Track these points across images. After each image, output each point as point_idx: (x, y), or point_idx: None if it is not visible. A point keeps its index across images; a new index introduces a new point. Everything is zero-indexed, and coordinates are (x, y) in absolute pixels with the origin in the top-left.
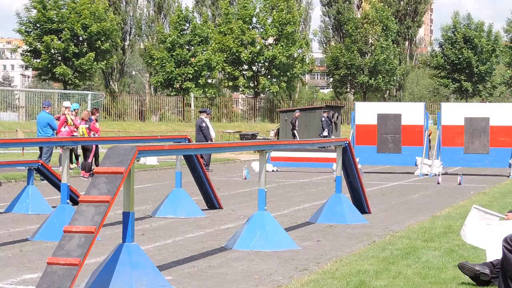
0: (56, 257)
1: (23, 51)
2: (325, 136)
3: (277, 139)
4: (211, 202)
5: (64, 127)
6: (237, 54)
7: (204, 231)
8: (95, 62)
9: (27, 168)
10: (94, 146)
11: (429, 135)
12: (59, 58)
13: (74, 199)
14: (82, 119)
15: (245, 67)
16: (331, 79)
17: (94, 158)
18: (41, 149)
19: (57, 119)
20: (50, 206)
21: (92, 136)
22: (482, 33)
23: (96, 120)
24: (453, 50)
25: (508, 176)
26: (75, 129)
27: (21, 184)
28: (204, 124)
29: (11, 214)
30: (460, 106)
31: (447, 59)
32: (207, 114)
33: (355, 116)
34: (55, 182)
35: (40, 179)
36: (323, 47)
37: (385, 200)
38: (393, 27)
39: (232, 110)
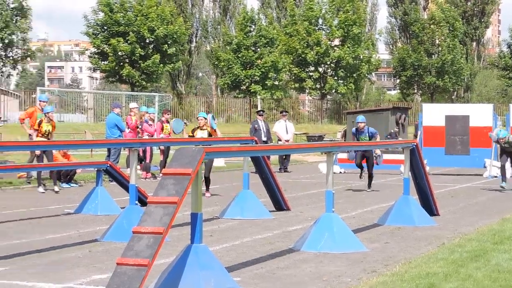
0: (125, 257)
1: (90, 53)
2: None
3: (344, 140)
4: (279, 204)
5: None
6: (303, 55)
7: (272, 233)
8: (161, 65)
9: (96, 169)
10: (148, 148)
11: None
12: (126, 60)
13: (142, 200)
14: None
15: (311, 68)
16: (398, 80)
17: (165, 160)
18: (109, 150)
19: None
20: (118, 207)
21: (147, 137)
22: None
23: (167, 121)
24: None
25: None
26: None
27: (90, 185)
28: (256, 126)
29: (81, 215)
30: None
31: None
32: (259, 116)
33: (422, 118)
34: (123, 183)
35: (109, 180)
36: (390, 48)
37: (453, 202)
38: (460, 27)
39: (298, 112)
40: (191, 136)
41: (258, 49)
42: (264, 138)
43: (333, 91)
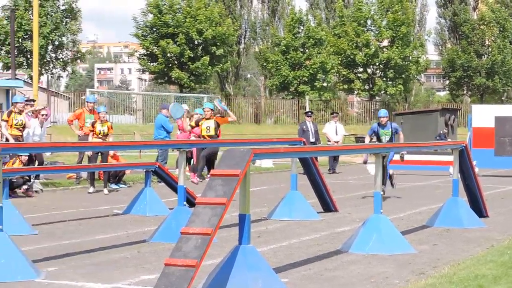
0: (173, 258)
1: (140, 55)
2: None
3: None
4: (327, 205)
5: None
6: (351, 56)
7: (320, 234)
8: (210, 67)
9: (145, 170)
10: (194, 148)
11: None
12: (175, 62)
13: (190, 201)
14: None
15: (360, 69)
16: (447, 82)
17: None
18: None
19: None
20: (167, 208)
21: (194, 138)
22: None
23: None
24: None
25: None
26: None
27: (138, 186)
28: (304, 127)
29: (129, 215)
30: None
31: None
32: (307, 117)
33: (472, 119)
34: (172, 184)
35: (157, 181)
36: (439, 49)
37: (503, 204)
38: (511, 28)
39: (347, 113)
40: (194, 127)
41: (307, 50)
42: (312, 139)
43: (382, 92)
